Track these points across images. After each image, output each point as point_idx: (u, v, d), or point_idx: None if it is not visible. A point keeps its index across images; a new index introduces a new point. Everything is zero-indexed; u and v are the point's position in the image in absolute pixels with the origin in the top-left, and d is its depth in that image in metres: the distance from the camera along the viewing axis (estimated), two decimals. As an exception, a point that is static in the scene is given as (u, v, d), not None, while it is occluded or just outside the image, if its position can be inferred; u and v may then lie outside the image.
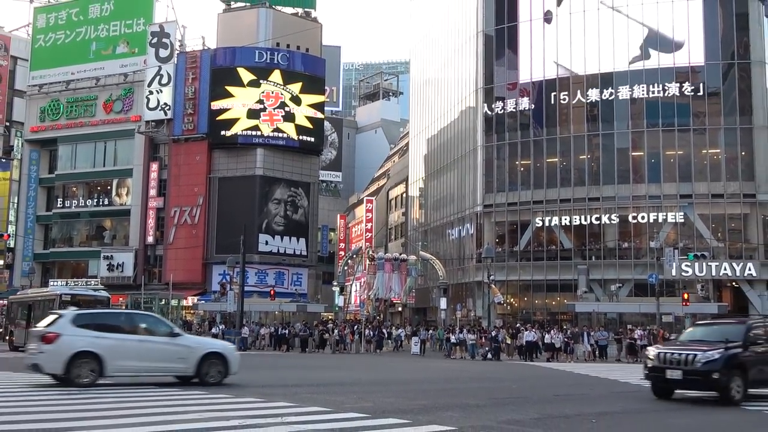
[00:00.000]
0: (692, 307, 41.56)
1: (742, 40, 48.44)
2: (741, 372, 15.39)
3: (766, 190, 47.40)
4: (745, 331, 16.58)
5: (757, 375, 15.89)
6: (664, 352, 16.38)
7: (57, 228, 62.84)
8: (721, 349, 15.50)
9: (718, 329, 17.78)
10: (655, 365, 16.22)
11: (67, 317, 17.11)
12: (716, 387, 15.27)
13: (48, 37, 63.25)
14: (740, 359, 15.60)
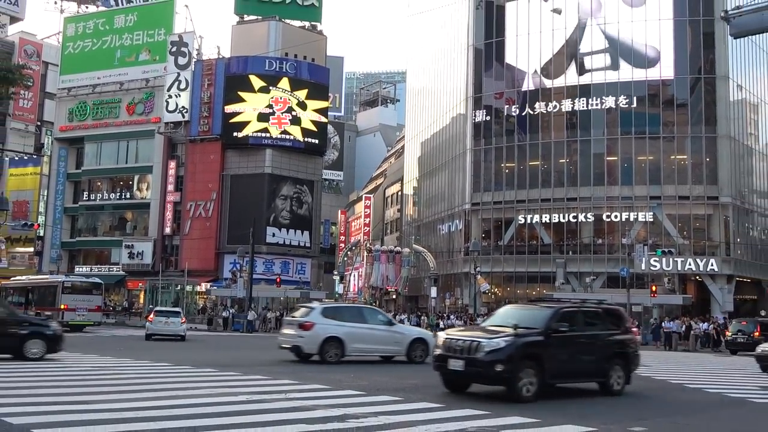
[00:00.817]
0: (659, 299, 41.66)
1: (708, 56, 48.49)
2: (535, 364, 12.04)
3: (727, 193, 47.51)
4: (550, 316, 12.98)
5: (560, 368, 12.68)
6: (449, 337, 12.86)
7: (83, 219, 62.78)
8: (509, 336, 12.17)
9: (527, 313, 14.20)
10: (440, 353, 12.67)
11: (317, 310, 20.14)
12: (501, 381, 12.06)
13: (77, 45, 63.10)
14: (534, 349, 12.28)
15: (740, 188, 50.01)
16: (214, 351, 23.27)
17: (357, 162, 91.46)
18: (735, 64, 49.49)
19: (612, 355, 13.69)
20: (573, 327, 13.32)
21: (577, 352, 13.26)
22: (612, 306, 16.55)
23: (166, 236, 57.48)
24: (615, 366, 13.48)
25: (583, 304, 15.38)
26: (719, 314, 43.41)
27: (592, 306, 15.21)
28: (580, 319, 13.92)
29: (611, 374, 13.39)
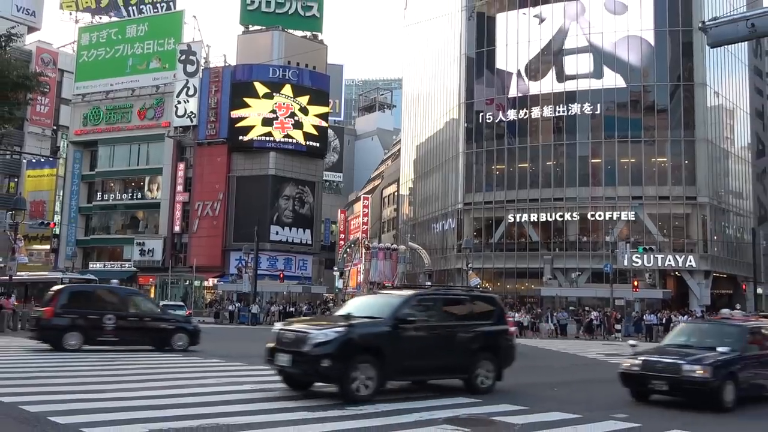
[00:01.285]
0: (641, 293, 41.79)
1: (687, 65, 48.58)
2: (374, 359, 10.03)
3: (705, 194, 47.61)
4: (400, 304, 10.97)
5: (408, 363, 10.65)
6: (282, 329, 10.97)
7: (96, 218, 62.67)
8: (341, 327, 10.15)
9: (378, 300, 12.33)
10: (271, 346, 10.66)
11: None
12: (329, 378, 10.10)
13: (90, 53, 62.98)
14: (374, 341, 10.26)
15: (717, 189, 50.11)
16: (221, 342, 23.22)
17: (356, 164, 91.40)
18: (712, 72, 49.58)
19: (479, 348, 11.67)
20: (429, 316, 11.49)
21: (432, 344, 11.14)
22: (485, 293, 14.93)
23: (175, 234, 57.40)
24: (482, 361, 11.57)
25: (448, 291, 13.67)
26: (697, 307, 43.55)
27: (457, 293, 13.55)
28: (439, 307, 11.96)
29: (477, 370, 11.47)
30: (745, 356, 11.25)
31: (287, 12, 59.29)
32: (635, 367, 11.32)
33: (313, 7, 59.97)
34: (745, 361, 11.20)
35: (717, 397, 10.51)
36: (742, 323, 12.18)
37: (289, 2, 59.24)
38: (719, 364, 10.61)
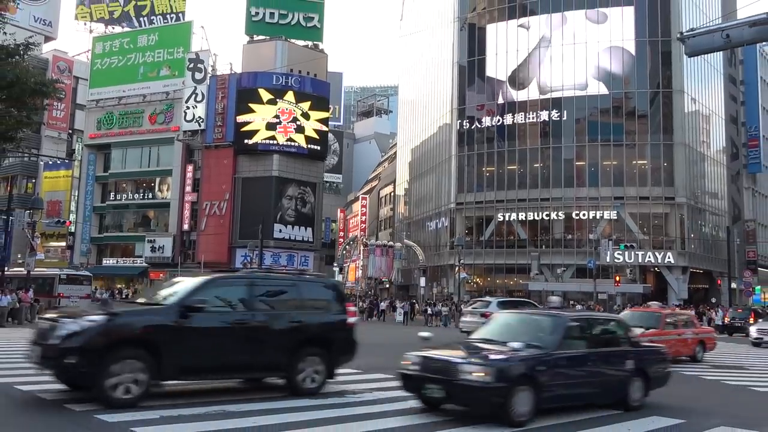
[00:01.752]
0: (622, 288, 41.89)
1: (665, 73, 48.68)
2: (148, 355, 8.00)
3: (683, 194, 47.72)
4: (191, 290, 8.88)
5: (198, 359, 8.56)
6: (42, 317, 9.56)
7: (110, 216, 62.55)
8: (100, 315, 8.14)
9: (176, 287, 9.53)
10: (32, 339, 8.60)
11: (494, 303, 24.27)
12: (78, 377, 8.00)
13: (104, 62, 62.83)
14: (147, 334, 8.15)
15: (694, 190, 50.22)
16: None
17: (354, 166, 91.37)
18: (689, 79, 49.69)
19: (304, 342, 9.43)
20: (232, 304, 9.21)
21: (233, 337, 8.91)
22: (320, 278, 11.85)
23: (184, 232, 57.29)
24: (309, 357, 9.32)
25: (266, 275, 10.59)
26: (675, 301, 43.64)
27: (278, 277, 10.64)
28: (250, 293, 9.42)
29: (302, 368, 9.28)
30: (556, 355, 8.42)
31: (290, 23, 59.24)
32: (415, 366, 8.52)
33: (314, 18, 59.91)
34: (555, 361, 8.37)
35: (502, 407, 7.73)
36: (560, 314, 9.52)
37: (291, 14, 59.18)
38: (507, 365, 7.95)
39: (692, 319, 18.75)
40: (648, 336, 14.70)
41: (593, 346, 9.23)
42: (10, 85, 15.79)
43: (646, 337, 14.47)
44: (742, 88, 64.83)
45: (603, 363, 9.17)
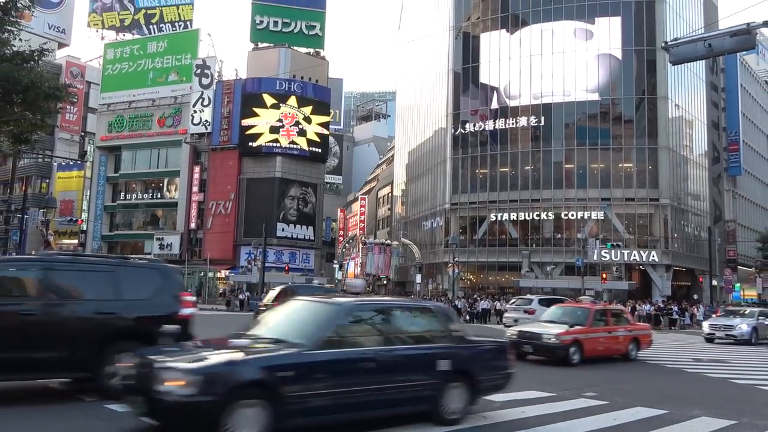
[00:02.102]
0: (609, 285, 41.88)
1: (651, 80, 48.72)
2: None
3: (666, 196, 47.77)
4: None
5: None
6: None
7: (120, 215, 62.51)
8: None
9: None
10: None
11: (536, 300, 25.51)
12: None
13: (115, 67, 62.77)
14: None
15: (677, 192, 50.29)
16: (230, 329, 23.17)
17: (354, 168, 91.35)
18: (673, 87, 49.74)
19: (116, 337, 7.91)
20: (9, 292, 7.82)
21: (16, 329, 7.40)
22: (150, 262, 9.45)
23: (191, 230, 57.30)
24: (122, 354, 6.68)
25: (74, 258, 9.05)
26: (659, 298, 43.72)
27: (88, 261, 8.92)
28: (43, 279, 7.81)
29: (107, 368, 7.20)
30: (314, 356, 6.22)
31: (293, 31, 59.23)
32: None
33: (316, 26, 59.91)
34: (311, 364, 6.17)
35: (208, 425, 5.50)
36: (339, 300, 7.45)
37: (294, 22, 59.17)
38: (214, 372, 5.75)
39: (626, 315, 17.00)
40: (572, 334, 14.00)
41: (388, 343, 7.00)
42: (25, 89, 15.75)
43: (569, 335, 13.89)
44: (723, 95, 64.96)
45: (399, 365, 6.91)
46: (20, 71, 15.79)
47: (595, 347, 14.42)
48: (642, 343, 16.06)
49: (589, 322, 14.64)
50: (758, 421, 8.18)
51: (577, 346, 13.90)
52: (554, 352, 13.86)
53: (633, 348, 15.64)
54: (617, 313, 16.61)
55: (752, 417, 8.43)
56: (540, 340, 13.99)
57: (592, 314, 15.01)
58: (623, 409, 8.57)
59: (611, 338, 15.13)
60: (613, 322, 15.51)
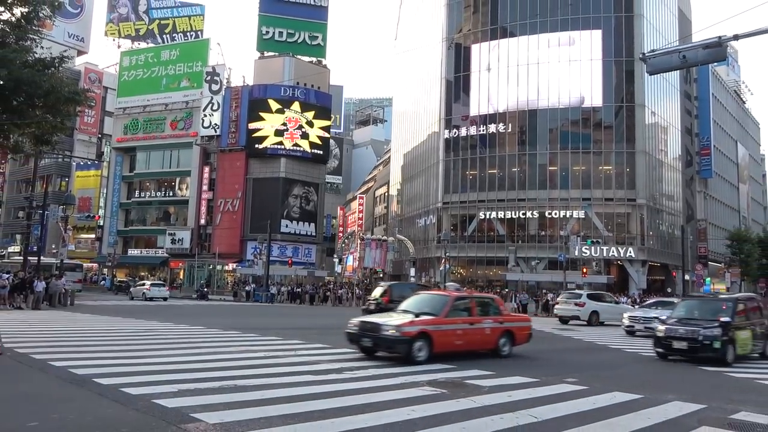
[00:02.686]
0: (589, 278, 41.97)
1: (629, 89, 48.81)
2: None
3: (643, 196, 47.89)
4: None
5: None
6: None
7: (134, 212, 62.35)
8: None
9: None
10: None
11: (585, 294, 26.88)
12: None
13: (130, 74, 62.58)
14: None
15: (653, 192, 50.42)
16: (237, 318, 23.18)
17: (353, 169, 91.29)
18: (650, 95, 49.84)
19: None
20: None
21: None
22: None
23: (201, 226, 57.21)
24: None
25: None
26: (635, 291, 43.85)
27: None
28: None
29: None
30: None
31: (296, 41, 59.14)
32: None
33: (318, 37, 59.81)
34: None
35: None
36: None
37: (298, 33, 59.06)
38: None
39: (497, 305, 13.48)
40: (418, 325, 11.11)
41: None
42: (46, 93, 15.70)
43: (414, 326, 10.99)
44: (696, 103, 65.13)
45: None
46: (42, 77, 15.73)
47: (449, 341, 11.55)
48: (518, 337, 13.04)
49: (445, 312, 11.75)
50: (726, 405, 8.21)
51: (425, 340, 11.00)
52: (394, 346, 10.94)
53: (506, 342, 12.70)
54: (485, 302, 13.44)
55: (721, 402, 8.46)
56: (379, 332, 11.07)
57: (450, 303, 12.09)
58: (602, 394, 8.59)
59: (475, 331, 12.14)
60: (479, 312, 12.52)
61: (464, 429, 6.19)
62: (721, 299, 14.37)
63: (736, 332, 12.86)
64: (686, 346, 12.83)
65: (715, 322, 12.76)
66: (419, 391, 8.21)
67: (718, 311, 13.28)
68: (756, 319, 14.03)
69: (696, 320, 13.22)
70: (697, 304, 14.69)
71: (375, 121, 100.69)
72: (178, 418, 6.12)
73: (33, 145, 18.61)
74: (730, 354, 12.59)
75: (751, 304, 14.43)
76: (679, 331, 13.06)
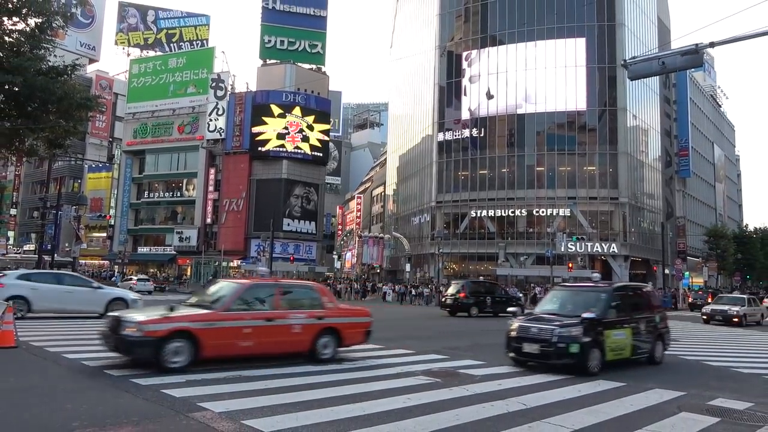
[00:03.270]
0: (574, 273, 42.06)
1: (612, 93, 48.90)
2: None
3: (625, 195, 48.00)
4: None
5: None
6: None
7: (144, 212, 62.20)
8: None
9: None
10: None
11: None
12: None
13: (139, 81, 62.39)
14: None
15: (634, 191, 50.52)
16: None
17: (351, 170, 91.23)
18: (631, 99, 49.94)
19: None
20: None
21: None
22: None
23: (207, 225, 57.11)
24: None
25: None
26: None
27: None
28: None
29: None
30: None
31: (297, 49, 59.04)
32: None
33: (317, 45, 59.73)
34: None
35: None
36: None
37: (298, 41, 58.96)
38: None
39: (317, 294, 9.91)
40: (175, 321, 8.01)
41: None
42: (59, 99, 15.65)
43: (165, 323, 7.90)
44: (674, 107, 65.32)
45: None
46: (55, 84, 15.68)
47: (229, 342, 8.45)
48: (346, 336, 9.75)
49: (225, 305, 8.67)
50: (705, 392, 8.24)
51: (188, 341, 7.97)
52: (132, 350, 7.97)
53: (327, 342, 9.45)
54: (298, 291, 10.03)
55: (699, 389, 8.49)
56: (118, 331, 8.06)
57: (237, 293, 8.93)
58: (586, 382, 8.60)
59: (274, 329, 8.91)
60: (286, 305, 9.27)
61: (457, 416, 6.20)
62: (596, 288, 10.74)
63: (605, 332, 9.49)
64: (538, 349, 9.27)
65: (576, 318, 9.35)
66: (415, 380, 8.20)
67: (591, 304, 9.92)
68: (641, 314, 10.68)
69: (560, 316, 9.84)
70: (569, 294, 11.05)
71: (372, 125, 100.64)
72: (185, 407, 6.11)
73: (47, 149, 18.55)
74: (593, 360, 9.19)
75: (636, 296, 11.28)
76: (532, 330, 9.50)
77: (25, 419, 5.58)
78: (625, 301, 10.51)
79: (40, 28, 16.24)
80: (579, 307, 9.85)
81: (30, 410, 5.89)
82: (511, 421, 6.06)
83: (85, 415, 5.71)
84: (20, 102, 15.64)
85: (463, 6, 55.31)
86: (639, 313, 10.67)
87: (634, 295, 11.29)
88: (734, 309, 24.13)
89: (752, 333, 20.26)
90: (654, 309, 11.29)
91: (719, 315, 24.24)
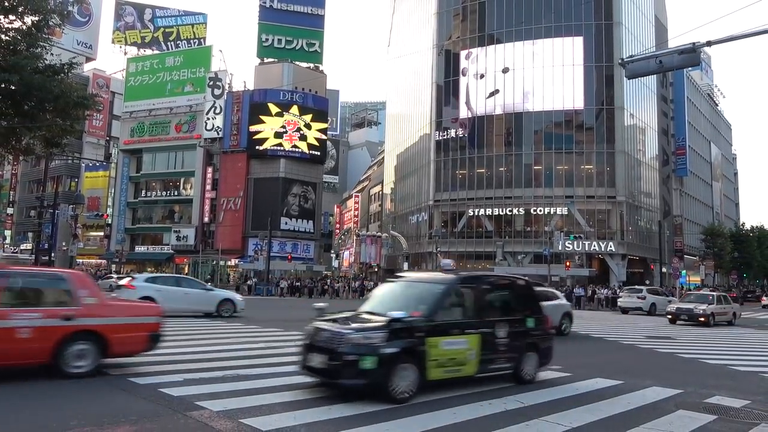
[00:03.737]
0: (572, 271, 42.15)
1: (609, 92, 48.95)
2: None
3: (622, 194, 48.07)
4: None
5: None
6: None
7: (141, 211, 62.06)
8: None
9: None
10: None
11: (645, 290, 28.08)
12: None
13: (137, 79, 62.21)
14: None
15: (631, 190, 50.61)
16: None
17: (348, 169, 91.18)
18: (628, 98, 50.00)
19: None
20: None
21: None
22: None
23: (204, 224, 57.02)
24: None
25: None
26: (615, 283, 44.00)
27: None
28: None
29: None
30: None
31: (294, 48, 58.95)
32: None
33: (315, 44, 59.64)
34: None
35: None
36: None
37: (296, 40, 58.87)
38: None
39: (72, 286, 7.41)
40: None
41: None
42: (56, 98, 15.59)
43: None
44: (671, 106, 65.43)
45: None
46: (52, 82, 15.62)
47: None
48: (114, 342, 7.47)
49: None
50: (701, 390, 8.26)
51: None
52: None
53: (83, 351, 7.29)
54: (39, 279, 7.73)
55: (696, 386, 8.51)
56: None
57: None
58: (585, 380, 8.62)
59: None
60: (13, 300, 7.03)
61: (455, 414, 6.20)
62: (433, 280, 7.90)
63: (430, 340, 6.71)
64: (325, 363, 6.59)
65: (382, 321, 6.68)
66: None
67: (422, 301, 7.24)
68: (503, 317, 7.83)
69: (379, 316, 7.00)
70: (401, 287, 8.18)
71: (369, 124, 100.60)
72: (183, 406, 6.11)
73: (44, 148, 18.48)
74: (401, 381, 6.45)
75: (503, 293, 8.39)
76: (323, 335, 6.84)
77: (22, 418, 5.57)
78: (477, 299, 7.64)
79: (37, 27, 16.19)
80: (411, 306, 7.06)
81: (28, 409, 5.87)
82: None
83: (82, 414, 5.70)
84: (17, 100, 15.59)
85: (461, 5, 55.29)
86: (499, 316, 7.84)
87: (496, 289, 8.28)
88: (701, 308, 21.94)
89: (752, 332, 20.33)
90: (532, 311, 8.37)
91: (685, 314, 22.09)
